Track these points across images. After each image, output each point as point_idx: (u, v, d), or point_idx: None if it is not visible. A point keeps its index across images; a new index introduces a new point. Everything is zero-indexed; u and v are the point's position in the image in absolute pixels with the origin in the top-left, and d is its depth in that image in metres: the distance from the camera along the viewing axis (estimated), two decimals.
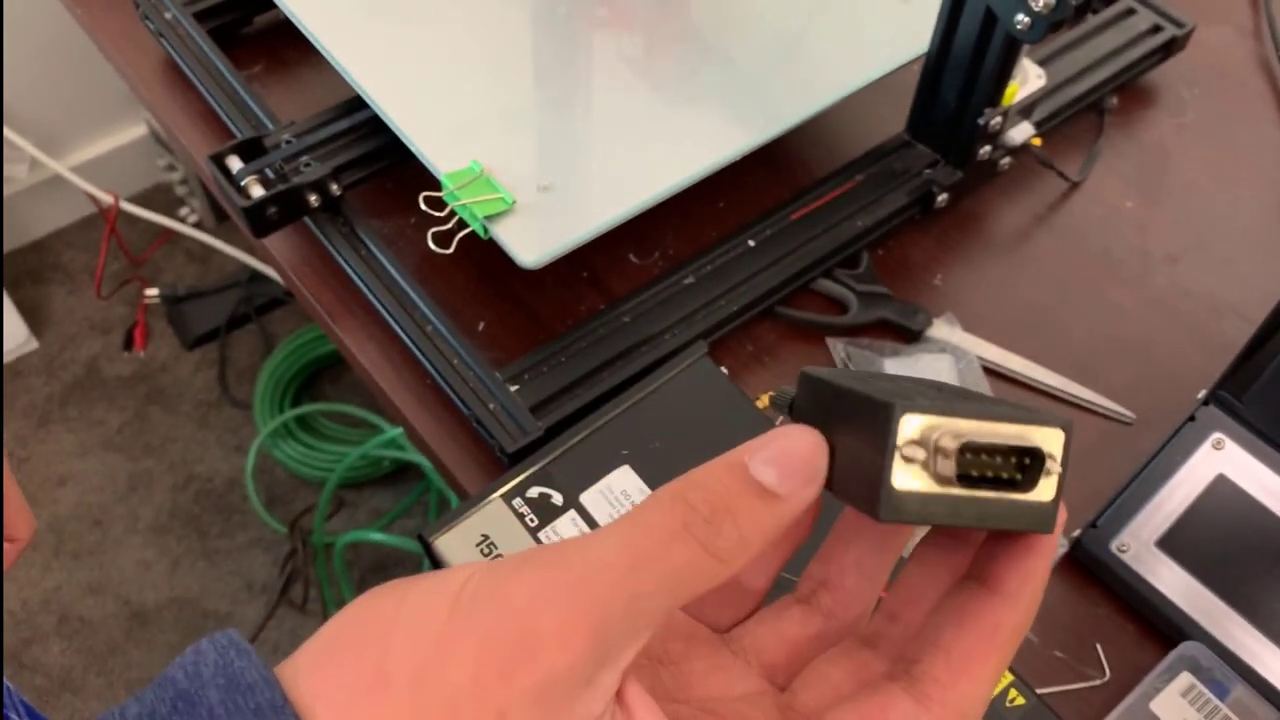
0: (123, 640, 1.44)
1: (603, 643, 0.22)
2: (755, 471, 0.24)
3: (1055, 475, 0.24)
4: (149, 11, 0.77)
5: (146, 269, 1.77)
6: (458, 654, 0.22)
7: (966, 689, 0.25)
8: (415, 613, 0.23)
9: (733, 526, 0.23)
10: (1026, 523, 0.24)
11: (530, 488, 0.54)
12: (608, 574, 0.23)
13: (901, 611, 0.28)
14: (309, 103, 0.74)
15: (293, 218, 0.66)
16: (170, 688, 0.23)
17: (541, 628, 0.22)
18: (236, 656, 0.23)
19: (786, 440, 0.24)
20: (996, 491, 0.24)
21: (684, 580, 0.23)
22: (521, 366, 0.62)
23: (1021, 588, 0.25)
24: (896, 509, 0.23)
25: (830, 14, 0.74)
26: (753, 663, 0.28)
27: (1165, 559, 0.56)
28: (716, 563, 0.23)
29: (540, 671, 0.22)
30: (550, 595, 0.22)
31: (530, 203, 0.61)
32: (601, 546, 0.23)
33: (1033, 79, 0.70)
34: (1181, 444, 0.58)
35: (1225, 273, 0.71)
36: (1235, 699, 0.53)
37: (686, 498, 0.23)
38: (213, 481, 1.58)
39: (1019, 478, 0.24)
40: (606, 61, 0.70)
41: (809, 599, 0.29)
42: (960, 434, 0.23)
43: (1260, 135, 0.79)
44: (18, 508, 0.61)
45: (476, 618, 0.23)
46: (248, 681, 0.23)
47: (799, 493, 0.24)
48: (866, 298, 0.68)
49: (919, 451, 0.23)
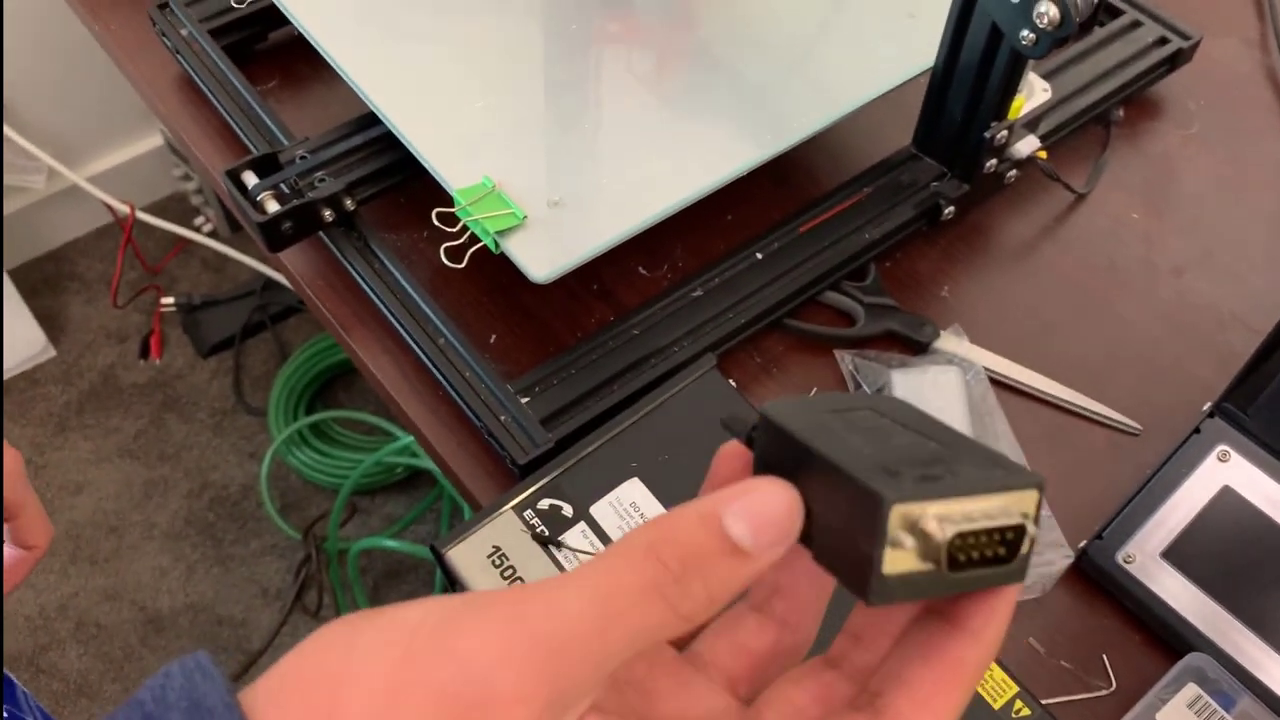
0: (138, 646, 1.46)
1: (561, 699, 0.22)
2: (728, 524, 0.24)
3: (1030, 535, 0.24)
4: (165, 28, 0.78)
5: (162, 278, 1.79)
6: (408, 706, 0.22)
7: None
8: (367, 657, 0.23)
9: (701, 587, 0.23)
10: (1002, 580, 0.25)
11: (541, 500, 0.55)
12: (574, 633, 0.23)
13: (865, 633, 0.28)
14: (322, 118, 0.75)
15: (307, 232, 0.67)
16: (138, 711, 0.23)
17: (499, 687, 0.22)
18: (201, 680, 0.23)
19: (760, 497, 0.24)
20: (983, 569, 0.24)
21: (648, 637, 0.23)
22: (532, 379, 0.62)
23: (986, 626, 0.25)
24: (886, 594, 0.23)
25: (837, 29, 0.74)
26: (715, 677, 0.29)
27: (1171, 570, 0.57)
28: (682, 621, 0.24)
29: None
30: (508, 654, 0.22)
31: (541, 218, 0.62)
32: (568, 602, 0.23)
33: (1038, 92, 0.70)
34: (1187, 456, 0.58)
35: (1232, 285, 0.72)
36: (1241, 710, 0.53)
37: (659, 553, 0.24)
38: (228, 488, 1.59)
39: (1002, 552, 0.24)
40: (616, 77, 0.71)
41: (762, 606, 0.29)
42: (948, 520, 0.23)
43: (1267, 147, 0.79)
44: (36, 516, 0.62)
45: (429, 669, 0.22)
46: (209, 705, 0.23)
47: (769, 551, 0.24)
48: (874, 310, 0.68)
49: (908, 539, 0.23)
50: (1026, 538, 0.24)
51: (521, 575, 0.52)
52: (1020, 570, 0.24)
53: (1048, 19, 0.56)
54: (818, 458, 0.25)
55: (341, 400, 1.67)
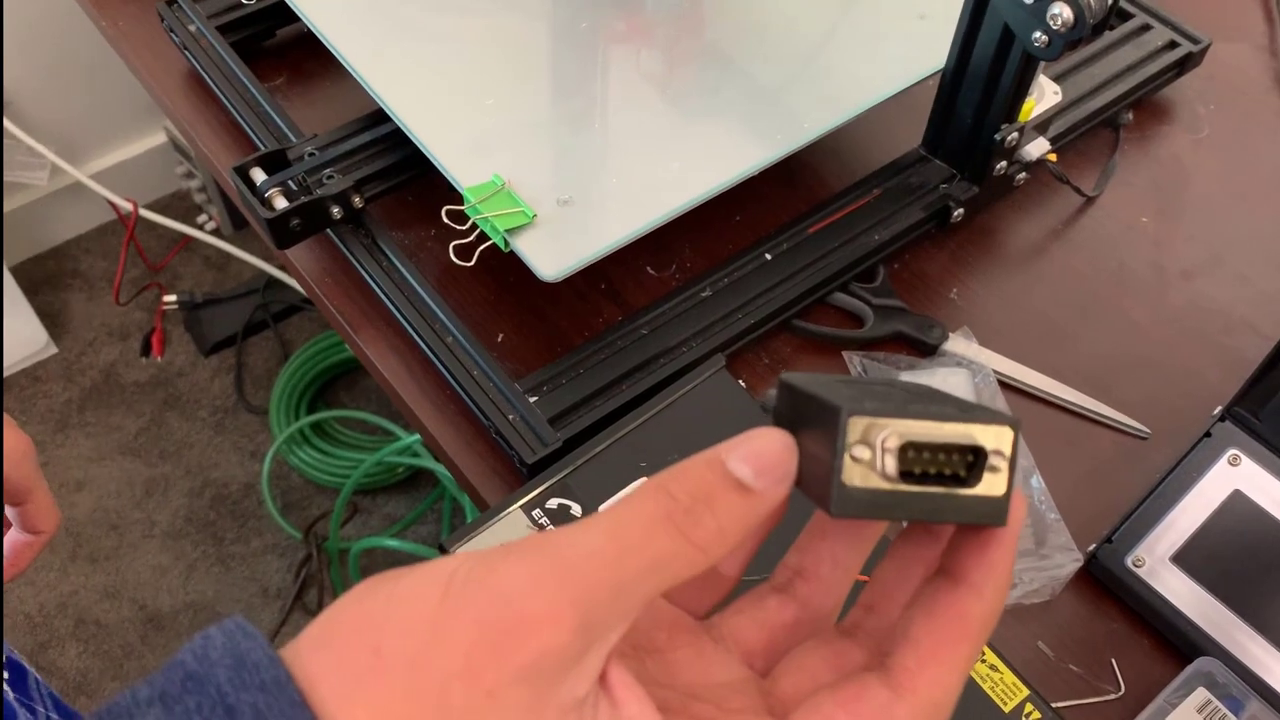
0: (138, 644, 1.45)
1: (589, 626, 0.23)
2: (732, 467, 0.25)
3: (1003, 471, 0.25)
4: (173, 24, 0.78)
5: (164, 275, 1.79)
6: (450, 638, 0.23)
7: (936, 676, 0.26)
8: (409, 599, 0.24)
9: (711, 517, 0.25)
10: (979, 516, 0.25)
11: (549, 499, 0.55)
12: (594, 560, 0.24)
13: (877, 604, 0.29)
14: (330, 116, 0.75)
15: (315, 229, 0.66)
16: (179, 670, 0.24)
17: (531, 612, 0.23)
18: (243, 639, 0.24)
19: (760, 441, 0.26)
20: (942, 488, 0.25)
21: (666, 567, 0.24)
22: (540, 378, 0.62)
23: (985, 579, 0.26)
24: (846, 505, 0.25)
25: (848, 30, 0.74)
26: (733, 650, 0.30)
27: (1180, 574, 0.57)
28: (696, 551, 0.24)
29: (529, 653, 0.23)
30: (539, 581, 0.23)
31: (550, 216, 0.61)
32: (588, 535, 0.24)
33: (1049, 95, 0.70)
34: (1197, 460, 0.58)
35: (1241, 289, 0.71)
36: (1250, 715, 0.53)
37: (668, 489, 0.25)
38: (228, 487, 1.59)
39: (963, 474, 0.25)
40: (626, 77, 0.71)
41: (785, 588, 0.30)
42: (903, 434, 0.25)
43: (1276, 150, 0.79)
44: (44, 501, 0.62)
45: (468, 603, 0.24)
46: (254, 660, 0.24)
47: (771, 489, 0.25)
48: (883, 311, 0.68)
49: (866, 451, 0.25)
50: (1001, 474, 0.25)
51: None
52: (1000, 511, 0.25)
53: (1061, 20, 0.56)
54: (809, 398, 0.26)
55: (343, 400, 1.66)
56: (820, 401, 0.26)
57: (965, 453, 0.25)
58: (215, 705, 0.23)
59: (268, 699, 0.23)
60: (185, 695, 0.24)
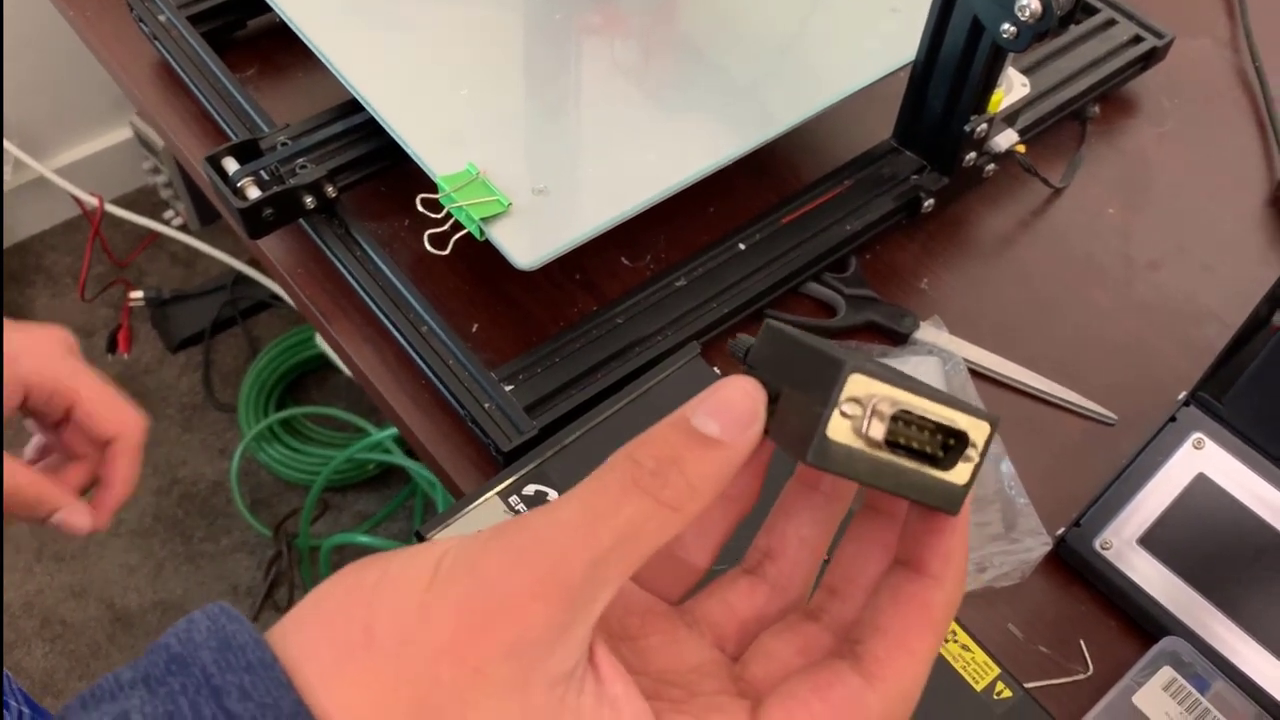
0: (105, 644, 1.44)
1: (569, 599, 0.24)
2: (697, 423, 0.25)
3: (973, 463, 0.26)
4: (143, 14, 0.77)
5: (130, 272, 1.77)
6: (437, 618, 0.24)
7: (905, 663, 0.27)
8: (398, 582, 0.25)
9: (679, 475, 0.25)
10: (937, 499, 0.26)
11: (526, 485, 0.55)
12: (568, 534, 0.24)
13: (840, 587, 0.30)
14: (301, 106, 0.75)
15: (288, 219, 0.66)
16: (163, 652, 0.24)
17: (512, 590, 0.24)
18: (228, 622, 0.25)
19: (724, 391, 0.26)
20: (917, 463, 0.26)
21: (640, 532, 0.25)
22: (515, 367, 0.62)
23: (945, 568, 0.27)
24: (823, 456, 0.25)
25: (820, 22, 0.75)
26: (706, 634, 0.30)
27: (1147, 556, 0.58)
28: (668, 511, 0.25)
29: (512, 630, 0.24)
30: (518, 559, 0.24)
31: (525, 205, 0.62)
32: (561, 510, 0.25)
33: (1017, 87, 0.71)
34: (1163, 444, 0.59)
35: (1205, 278, 0.73)
36: (1215, 693, 0.54)
37: (634, 456, 0.25)
38: (197, 485, 1.57)
39: (940, 455, 0.26)
40: (600, 67, 0.71)
41: (755, 570, 0.31)
42: (897, 403, 0.25)
43: (1238, 144, 0.81)
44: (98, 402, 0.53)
45: (455, 585, 0.24)
46: (239, 642, 0.24)
47: (740, 437, 0.26)
48: (855, 301, 0.69)
49: (857, 409, 0.25)
50: (971, 465, 0.26)
51: None
52: (957, 499, 0.26)
53: (1029, 12, 0.57)
54: (803, 347, 0.27)
55: (313, 396, 1.65)
56: (817, 352, 0.26)
57: (946, 435, 0.26)
58: (200, 686, 0.23)
59: (253, 679, 0.23)
60: (169, 677, 0.24)
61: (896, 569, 0.28)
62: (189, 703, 0.23)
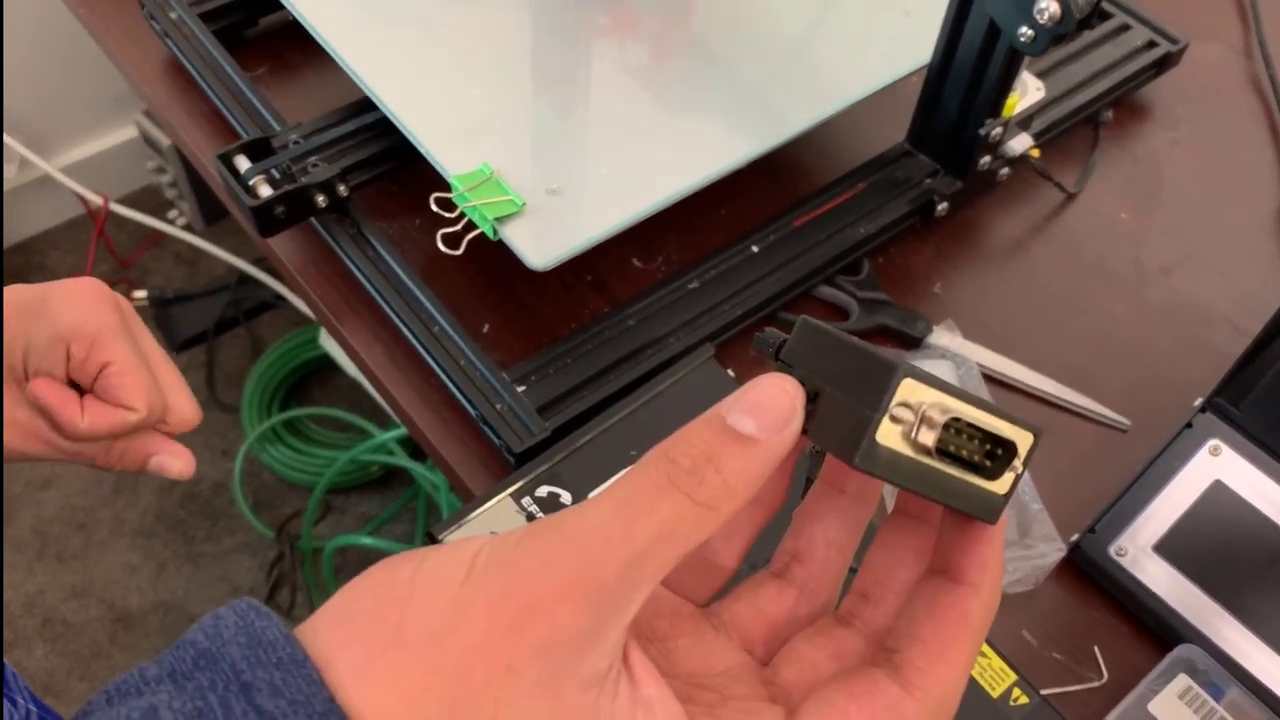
0: (106, 644, 1.43)
1: (603, 600, 0.24)
2: (733, 421, 0.25)
3: (1015, 473, 0.26)
4: (154, 11, 0.77)
5: (134, 271, 1.77)
6: (470, 616, 0.24)
7: (945, 673, 0.26)
8: (431, 579, 0.24)
9: (715, 473, 0.24)
10: (976, 508, 0.26)
11: (539, 487, 0.55)
12: (603, 534, 0.24)
13: (871, 591, 0.30)
14: (312, 105, 0.75)
15: (300, 218, 0.66)
16: (189, 648, 0.24)
17: (545, 589, 0.23)
18: (256, 618, 0.24)
19: (761, 388, 0.25)
20: (961, 471, 0.26)
21: (675, 532, 0.24)
22: (527, 368, 0.62)
23: (982, 576, 0.27)
24: (871, 460, 0.25)
25: (833, 24, 0.75)
26: (734, 637, 0.30)
27: (1162, 563, 0.57)
28: (703, 510, 0.24)
29: (544, 629, 0.23)
30: (552, 559, 0.24)
31: (539, 206, 0.61)
32: (596, 510, 0.24)
33: (1032, 91, 0.71)
34: (1179, 450, 0.59)
35: (1218, 284, 0.72)
36: (1230, 701, 0.54)
37: (669, 454, 0.25)
38: (199, 485, 1.57)
39: (987, 465, 0.26)
40: (612, 68, 0.71)
41: (783, 573, 0.30)
42: (948, 410, 0.25)
43: (1251, 150, 0.81)
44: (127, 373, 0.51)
45: (488, 583, 0.24)
46: (269, 639, 0.24)
47: (777, 436, 0.25)
48: (867, 304, 0.68)
49: (908, 414, 0.25)
50: (1013, 475, 0.26)
51: None
52: (997, 508, 0.26)
53: (1048, 15, 0.56)
54: (846, 346, 0.26)
55: (316, 397, 1.65)
56: (862, 352, 0.26)
57: (995, 445, 0.26)
58: (230, 682, 0.23)
59: (284, 675, 0.23)
60: (197, 672, 0.24)
61: (932, 577, 0.28)
62: (218, 699, 0.23)
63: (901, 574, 0.29)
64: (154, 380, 0.54)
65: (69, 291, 0.52)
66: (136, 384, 0.52)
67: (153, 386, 0.53)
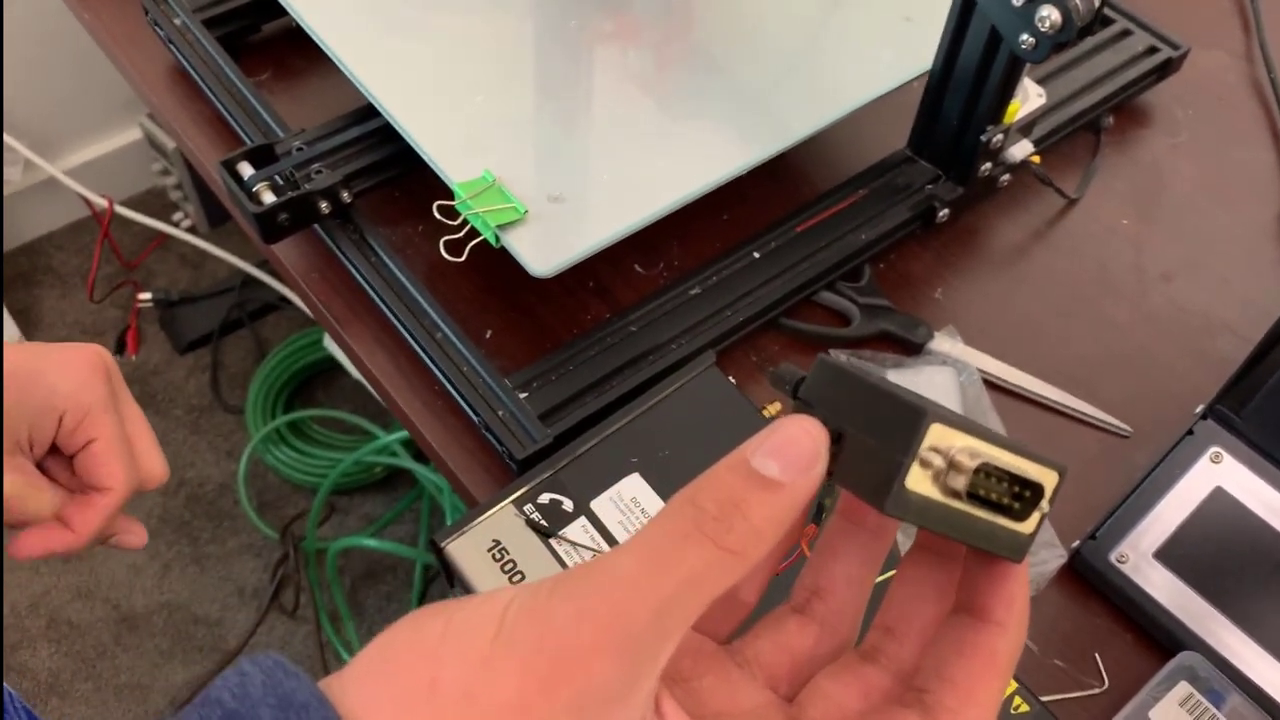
0: (111, 645, 1.44)
1: (633, 652, 0.23)
2: (757, 465, 0.25)
3: (1042, 513, 0.26)
4: (158, 17, 0.77)
5: (139, 273, 1.77)
6: (503, 671, 0.23)
7: (975, 714, 0.26)
8: (462, 633, 0.24)
9: (742, 519, 0.24)
10: (1003, 547, 0.26)
11: (541, 494, 0.55)
12: (630, 586, 0.24)
13: (895, 626, 0.29)
14: (315, 111, 0.75)
15: (303, 224, 0.66)
16: (216, 708, 0.24)
17: (577, 644, 0.23)
18: (285, 678, 0.24)
19: (785, 431, 0.25)
20: (990, 513, 0.26)
21: (703, 579, 0.24)
22: (530, 375, 0.62)
23: (1009, 615, 0.27)
24: (902, 506, 0.25)
25: (834, 32, 0.75)
26: (758, 674, 0.29)
27: (1163, 570, 0.57)
28: (731, 557, 0.24)
29: (578, 684, 0.23)
30: (582, 614, 0.24)
31: (541, 213, 0.62)
32: (623, 559, 0.24)
33: (1033, 97, 0.71)
34: (1180, 457, 0.59)
35: (1219, 290, 0.73)
36: (1231, 708, 0.54)
37: (695, 501, 0.25)
38: (204, 486, 1.57)
39: (1015, 506, 0.26)
40: (615, 75, 0.71)
41: (804, 608, 0.30)
42: (978, 454, 0.25)
43: (1253, 156, 0.81)
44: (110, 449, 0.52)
45: (519, 638, 0.24)
46: (300, 701, 0.23)
47: (802, 479, 0.25)
48: (869, 310, 0.69)
49: (937, 459, 0.25)
50: (1040, 515, 0.26)
51: (522, 569, 0.52)
52: (1023, 547, 0.26)
53: (1050, 23, 0.56)
54: (867, 388, 0.26)
55: (320, 399, 1.65)
56: (886, 395, 0.26)
57: (1023, 486, 0.26)
58: None
59: None
60: None
61: (959, 616, 0.28)
62: None
63: (926, 609, 0.29)
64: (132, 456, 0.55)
65: (68, 361, 0.52)
66: (119, 463, 0.54)
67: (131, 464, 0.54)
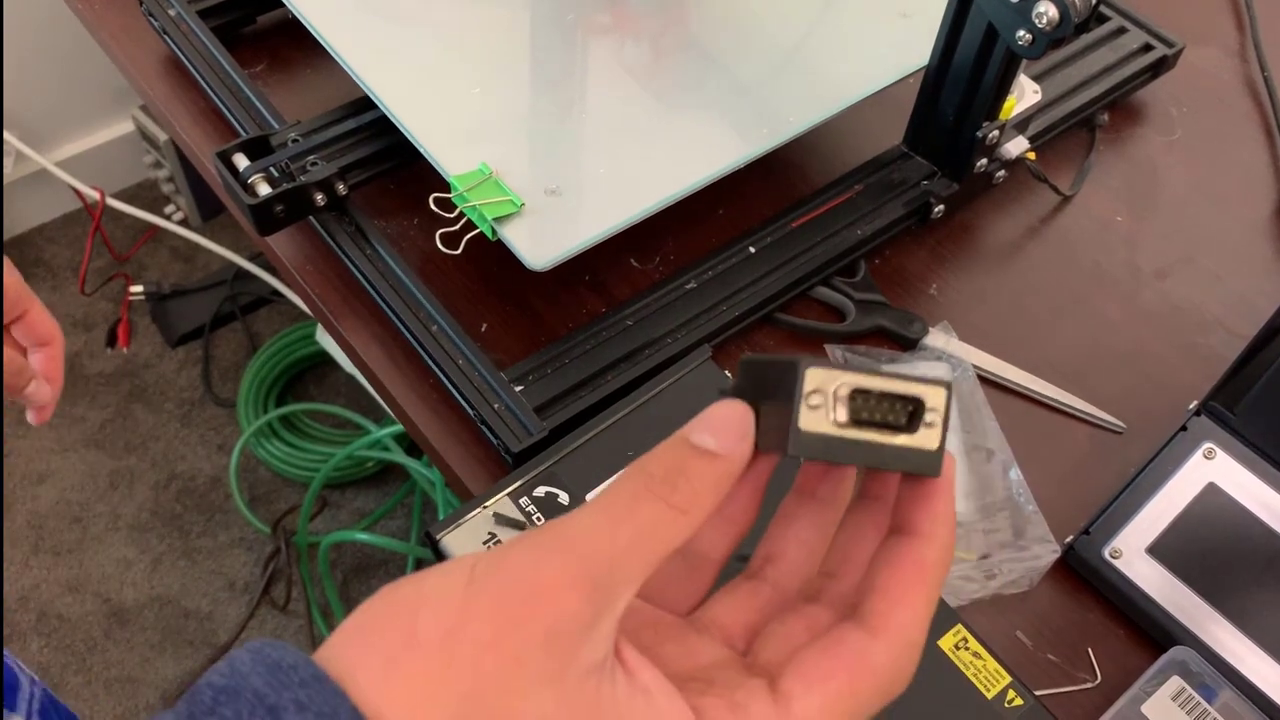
0: (102, 639, 1.43)
1: (595, 591, 0.26)
2: (696, 439, 0.28)
3: (937, 426, 0.28)
4: (152, 8, 0.77)
5: (131, 266, 1.76)
6: (477, 614, 0.26)
7: (907, 615, 0.28)
8: (437, 590, 0.26)
9: (685, 482, 0.28)
10: (916, 465, 0.28)
11: (537, 487, 0.55)
12: (591, 534, 0.27)
13: (838, 569, 0.32)
14: (310, 103, 0.75)
15: (299, 216, 0.66)
16: (206, 690, 0.25)
17: (543, 582, 0.26)
18: (271, 649, 0.25)
19: (716, 411, 0.29)
20: (885, 434, 0.28)
21: (654, 533, 0.27)
22: (525, 368, 0.62)
23: (934, 527, 0.29)
24: (801, 445, 0.28)
25: (830, 27, 0.75)
26: (715, 636, 0.32)
27: (1156, 565, 0.58)
28: (678, 513, 0.27)
29: (547, 619, 0.25)
30: (546, 557, 0.26)
31: (538, 206, 0.62)
32: (583, 515, 0.27)
33: (1029, 94, 0.71)
34: (1173, 453, 0.59)
35: (1213, 287, 0.73)
36: (1223, 703, 0.54)
37: (645, 468, 0.28)
38: (195, 480, 1.57)
39: (903, 422, 0.28)
40: (612, 68, 0.71)
41: (757, 574, 0.33)
42: (852, 383, 0.28)
43: (1246, 153, 0.81)
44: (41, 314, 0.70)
45: (490, 584, 0.26)
46: (288, 663, 0.25)
47: (734, 450, 0.28)
48: (864, 306, 0.69)
49: (820, 399, 0.28)
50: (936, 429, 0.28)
51: None
52: (935, 462, 0.28)
53: (1047, 19, 0.57)
54: (771, 365, 0.29)
55: (312, 393, 1.65)
56: (779, 364, 0.29)
57: (906, 404, 0.28)
58: (255, 708, 0.24)
59: (309, 693, 0.24)
60: (219, 707, 0.24)
61: (890, 538, 0.30)
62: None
63: (865, 547, 0.31)
64: None
65: None
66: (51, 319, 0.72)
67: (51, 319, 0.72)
